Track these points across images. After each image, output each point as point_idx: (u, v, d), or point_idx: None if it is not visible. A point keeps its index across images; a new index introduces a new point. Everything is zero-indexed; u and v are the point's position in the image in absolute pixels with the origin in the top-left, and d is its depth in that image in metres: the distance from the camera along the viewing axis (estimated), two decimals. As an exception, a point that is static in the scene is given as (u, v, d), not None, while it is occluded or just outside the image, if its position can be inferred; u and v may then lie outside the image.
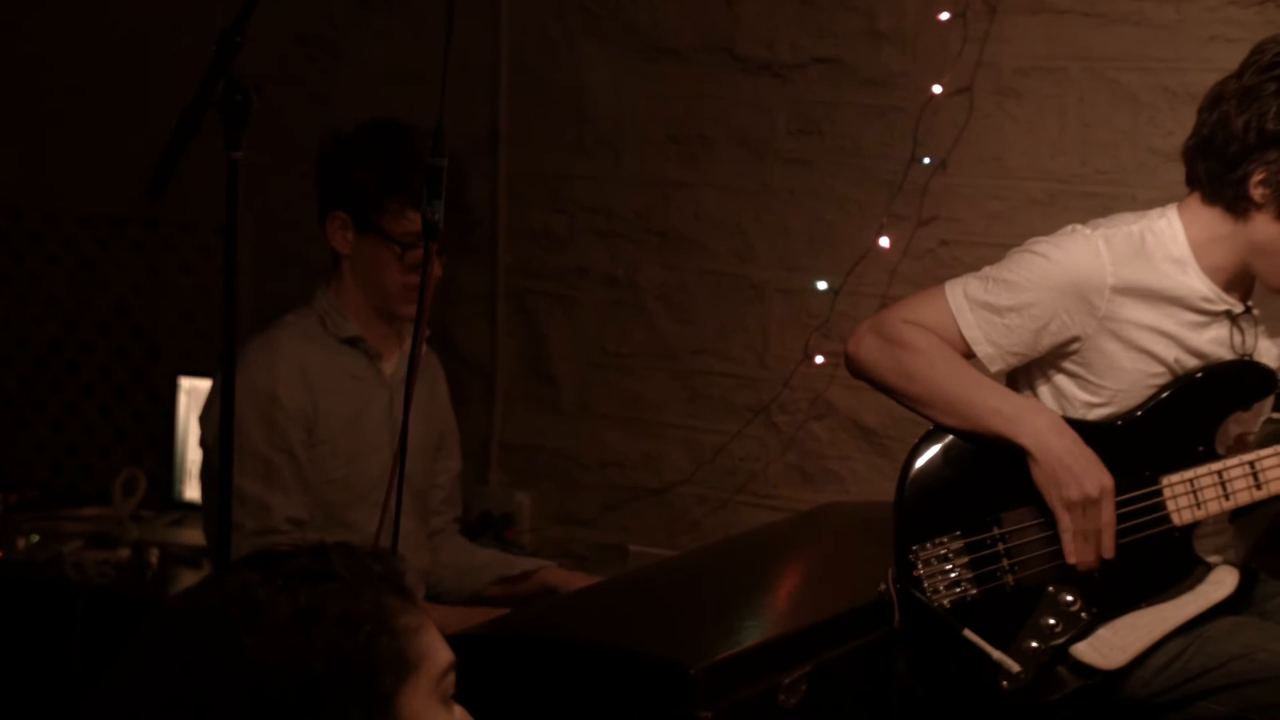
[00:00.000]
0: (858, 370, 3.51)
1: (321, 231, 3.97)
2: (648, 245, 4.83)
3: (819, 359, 4.57)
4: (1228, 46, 3.99)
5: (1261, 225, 3.32)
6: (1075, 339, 3.36)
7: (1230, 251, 3.37)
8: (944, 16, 4.38)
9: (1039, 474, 3.30)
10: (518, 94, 4.95)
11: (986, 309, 3.38)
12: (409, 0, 4.98)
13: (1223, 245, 3.37)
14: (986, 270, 3.43)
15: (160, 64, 5.16)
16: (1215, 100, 3.36)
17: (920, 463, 3.39)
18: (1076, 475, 3.28)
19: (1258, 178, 3.29)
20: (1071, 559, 3.31)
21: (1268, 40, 3.37)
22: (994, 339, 3.38)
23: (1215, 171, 3.35)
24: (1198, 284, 3.36)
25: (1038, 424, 3.33)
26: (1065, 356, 3.40)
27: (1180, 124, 3.53)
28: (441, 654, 1.83)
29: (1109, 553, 3.31)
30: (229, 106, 2.77)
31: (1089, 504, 3.28)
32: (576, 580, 4.11)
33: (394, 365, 4.00)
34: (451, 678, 1.85)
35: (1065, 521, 3.30)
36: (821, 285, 4.56)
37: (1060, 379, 3.43)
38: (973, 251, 4.32)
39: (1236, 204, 3.33)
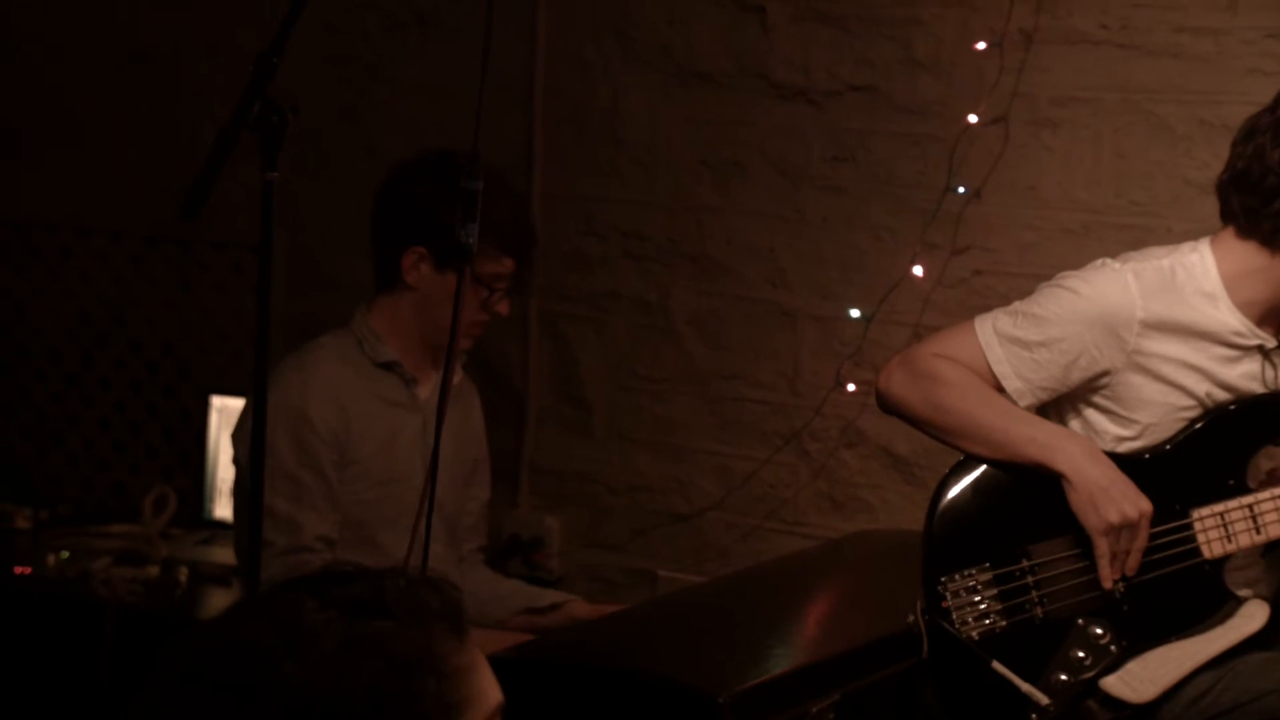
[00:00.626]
0: (889, 406, 3.51)
1: (388, 261, 3.94)
2: (680, 270, 4.82)
3: (851, 387, 4.56)
4: (1265, 80, 3.98)
5: (1298, 258, 3.32)
6: (1105, 373, 3.36)
7: (1265, 284, 3.36)
8: (980, 46, 4.37)
9: (1076, 499, 3.29)
10: (552, 116, 4.95)
11: (1016, 344, 3.38)
12: (444, 21, 4.98)
13: (1257, 278, 3.36)
14: (1016, 305, 3.43)
15: (195, 83, 5.17)
16: (1250, 133, 3.36)
17: (950, 493, 3.39)
18: (1115, 498, 3.27)
19: (1294, 211, 3.29)
20: (1107, 584, 3.30)
21: None
22: (1023, 374, 3.38)
23: (1251, 205, 3.34)
24: (1229, 318, 3.36)
25: (1073, 450, 3.32)
26: (1095, 391, 3.39)
27: (1216, 156, 3.52)
28: (490, 696, 1.80)
29: (1132, 572, 3.30)
30: (265, 127, 2.78)
31: (1128, 526, 3.27)
32: (603, 613, 4.10)
33: (429, 390, 4.01)
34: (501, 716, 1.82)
35: (1103, 547, 3.29)
36: (854, 313, 4.56)
37: (1090, 413, 3.42)
38: (1006, 281, 4.31)
39: (1275, 237, 3.32)
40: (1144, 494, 3.29)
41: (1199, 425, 3.37)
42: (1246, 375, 3.38)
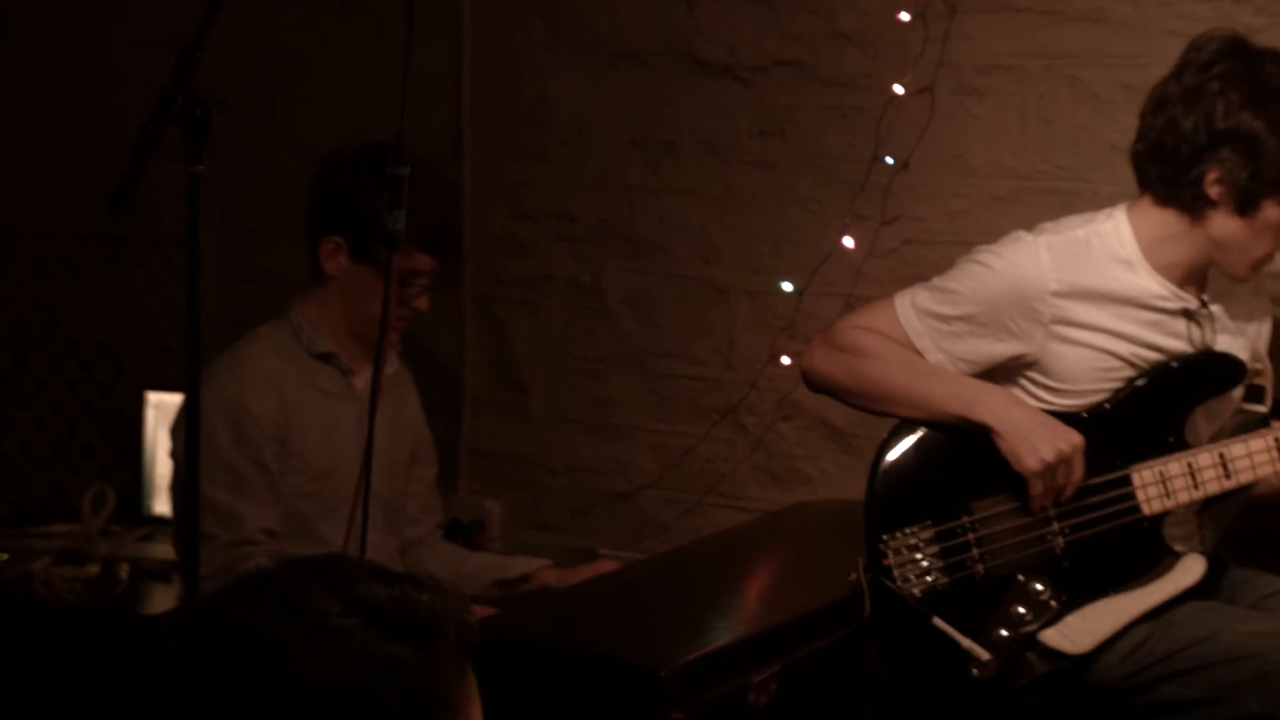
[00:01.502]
0: (815, 383, 3.55)
1: (311, 251, 3.96)
2: (613, 250, 4.83)
3: (785, 360, 4.58)
4: (1185, 41, 3.99)
5: (1219, 222, 3.35)
6: (1024, 354, 3.39)
7: (1185, 248, 3.40)
8: (904, 17, 4.39)
9: (1005, 446, 3.31)
10: (480, 102, 4.95)
11: (934, 318, 3.42)
12: (370, 10, 4.97)
13: (1177, 243, 3.40)
14: (935, 280, 3.48)
15: (123, 79, 5.14)
16: (1159, 103, 3.40)
17: (892, 452, 3.42)
18: (1044, 436, 3.30)
19: (1213, 176, 3.32)
20: (1038, 509, 3.34)
21: (1201, 38, 3.41)
22: (943, 346, 3.42)
23: (1168, 175, 3.38)
24: (1148, 283, 3.39)
25: (993, 400, 3.36)
26: (1025, 367, 3.43)
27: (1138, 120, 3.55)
28: None
29: (1065, 498, 3.35)
30: (189, 120, 2.77)
31: (1062, 462, 3.30)
32: (572, 579, 4.11)
33: (366, 380, 4.00)
34: None
35: (1038, 489, 3.32)
36: (786, 286, 4.57)
37: (1026, 385, 3.45)
38: (936, 250, 4.33)
39: (1193, 204, 3.36)
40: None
41: (1138, 385, 3.40)
42: (1173, 336, 3.41)
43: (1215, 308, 3.45)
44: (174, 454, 4.00)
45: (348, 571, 1.76)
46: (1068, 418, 3.37)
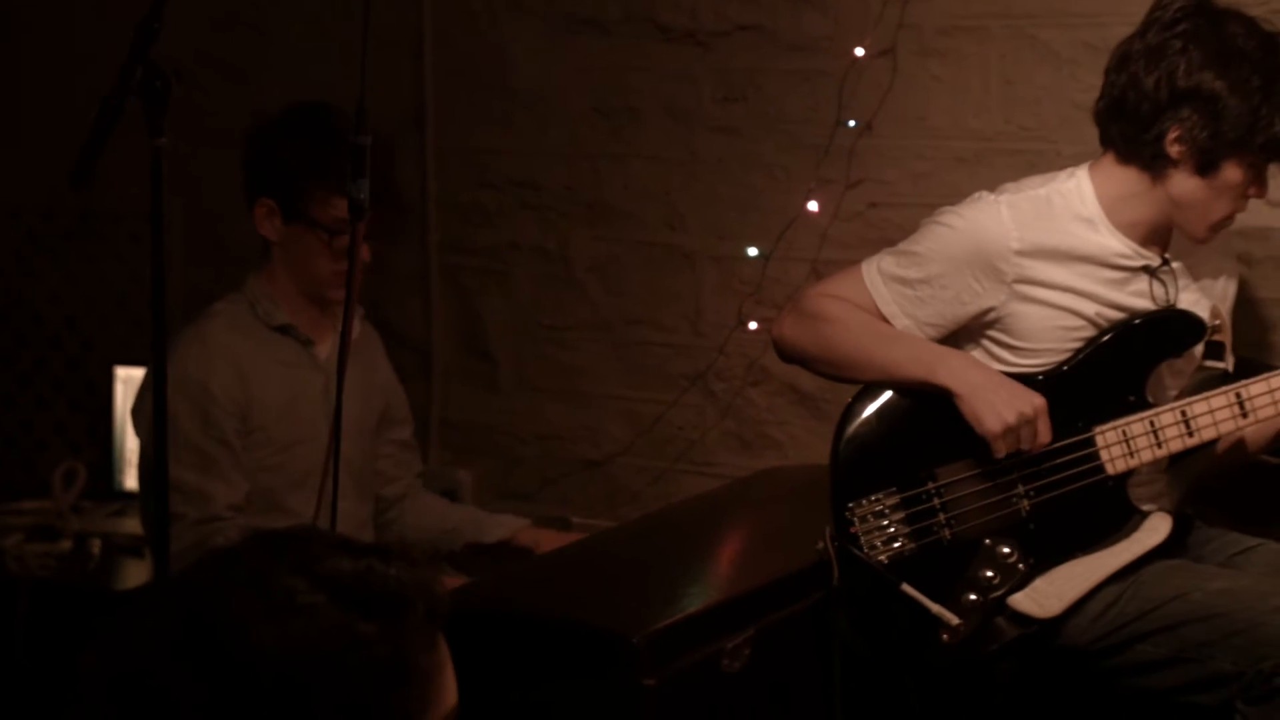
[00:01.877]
0: (785, 352, 3.57)
1: (250, 218, 3.96)
2: (578, 218, 4.83)
3: (752, 325, 4.58)
4: (1145, 1, 4.01)
5: (1179, 181, 3.36)
6: (990, 309, 3.40)
7: (1146, 206, 3.41)
8: (864, -21, 4.39)
9: (966, 409, 3.32)
10: (442, 71, 4.94)
11: (899, 282, 3.43)
12: (331, -22, 4.97)
13: (1138, 201, 3.41)
14: (900, 245, 3.49)
15: (86, 52, 5.12)
16: (1122, 60, 3.40)
17: (855, 420, 3.43)
18: (1005, 398, 3.31)
19: (1173, 135, 3.33)
20: (1000, 455, 3.34)
21: None
22: (910, 311, 3.43)
23: (1129, 133, 3.39)
24: (1111, 241, 3.40)
25: (953, 362, 3.37)
26: (987, 325, 3.44)
27: (1101, 78, 3.55)
28: (447, 699, 1.79)
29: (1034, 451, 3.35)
30: (149, 93, 2.76)
31: (1025, 424, 3.31)
32: (549, 540, 4.13)
33: (328, 350, 4.00)
34: None
35: (1000, 451, 3.32)
36: (752, 251, 4.57)
37: (988, 345, 3.46)
38: (901, 213, 4.33)
39: (1154, 162, 3.37)
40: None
41: (1096, 344, 3.41)
42: (1136, 294, 3.42)
43: (1178, 265, 3.46)
44: (138, 433, 3.99)
45: (313, 548, 1.77)
46: (1028, 379, 3.38)
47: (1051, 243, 3.38)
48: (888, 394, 3.42)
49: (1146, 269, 3.42)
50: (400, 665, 1.73)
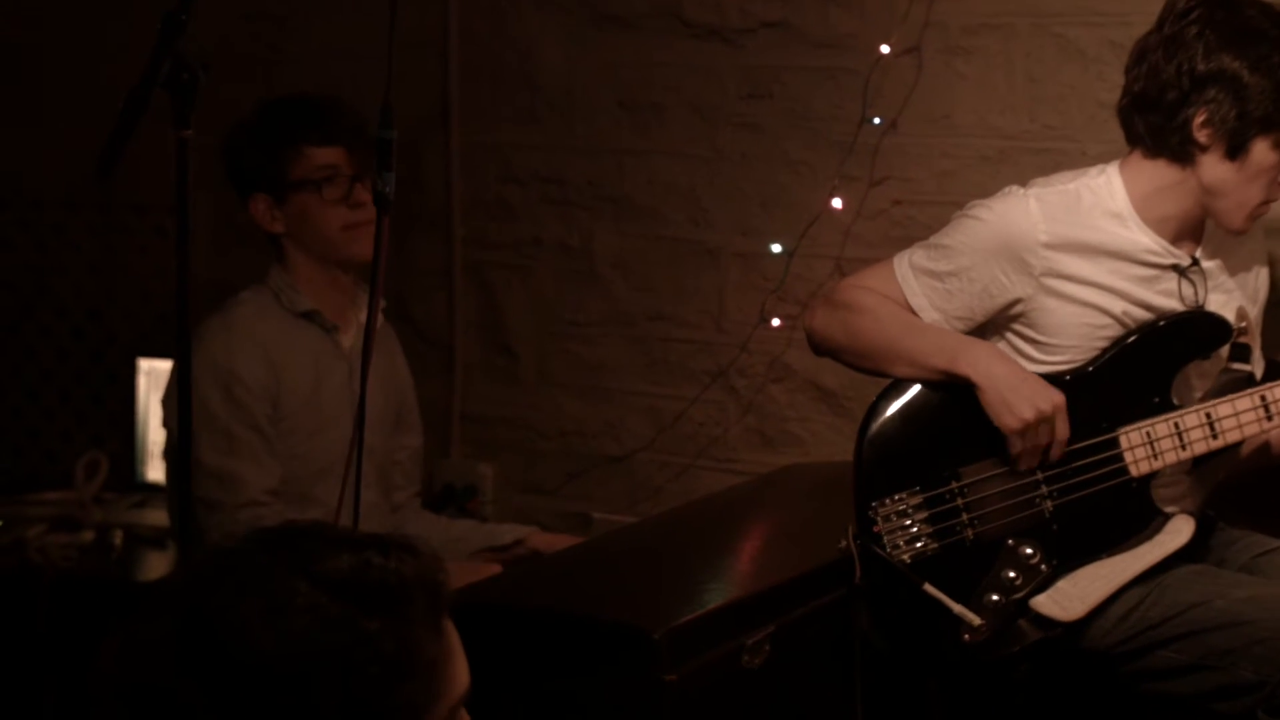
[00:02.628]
0: (816, 342, 3.56)
1: (251, 219, 3.99)
2: (602, 213, 4.83)
3: (775, 322, 4.58)
4: (1172, -1, 4.00)
5: (1210, 167, 3.34)
6: (1017, 300, 3.39)
7: (1178, 199, 3.39)
8: (890, -23, 4.39)
9: (986, 401, 3.31)
10: (468, 66, 4.95)
11: (929, 276, 3.43)
12: (357, -26, 4.97)
13: (1169, 195, 3.39)
14: (931, 239, 3.48)
15: (114, 45, 5.13)
16: (1140, 55, 3.40)
17: (879, 418, 3.42)
18: (1025, 394, 3.30)
19: (1200, 119, 3.32)
20: (1022, 466, 3.35)
21: None
22: (938, 305, 3.42)
23: (1154, 123, 3.37)
24: (1141, 237, 3.39)
25: (977, 353, 3.36)
26: (1013, 319, 3.43)
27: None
28: (459, 682, 1.79)
29: (1055, 458, 3.35)
30: (176, 85, 2.77)
31: (1043, 421, 3.30)
32: (561, 543, 4.13)
33: (352, 338, 4.02)
34: (464, 705, 1.80)
35: (1018, 447, 3.32)
36: (776, 248, 4.57)
37: (1014, 339, 3.45)
38: (925, 210, 4.33)
39: (1183, 150, 3.35)
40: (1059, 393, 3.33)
41: (1122, 344, 3.40)
42: (1164, 293, 3.41)
43: (1209, 264, 3.45)
44: (166, 423, 4.00)
45: (313, 546, 1.76)
46: (1055, 379, 3.37)
47: (1080, 237, 3.37)
48: (911, 393, 3.41)
49: (1176, 268, 3.40)
50: (406, 659, 1.73)
